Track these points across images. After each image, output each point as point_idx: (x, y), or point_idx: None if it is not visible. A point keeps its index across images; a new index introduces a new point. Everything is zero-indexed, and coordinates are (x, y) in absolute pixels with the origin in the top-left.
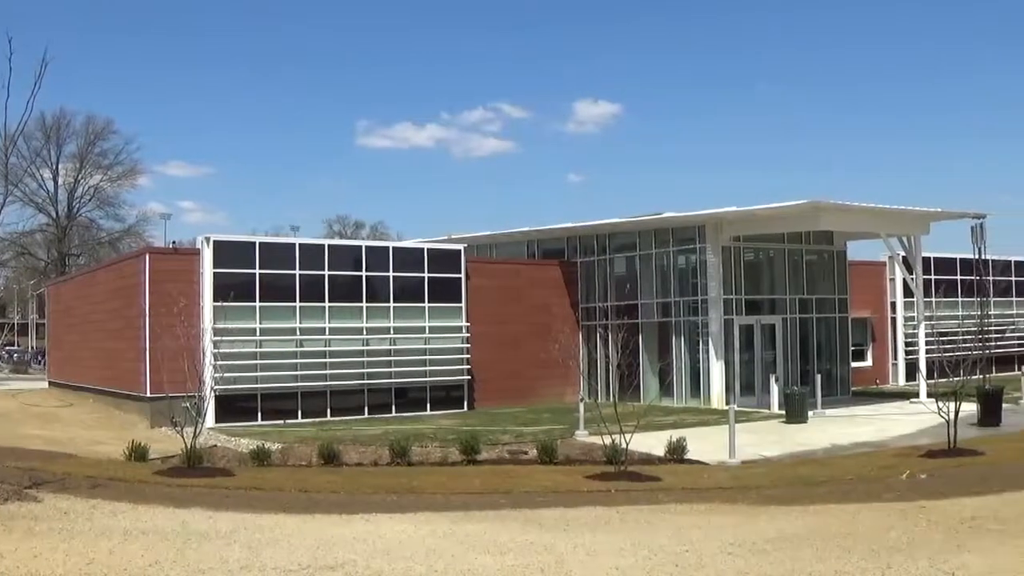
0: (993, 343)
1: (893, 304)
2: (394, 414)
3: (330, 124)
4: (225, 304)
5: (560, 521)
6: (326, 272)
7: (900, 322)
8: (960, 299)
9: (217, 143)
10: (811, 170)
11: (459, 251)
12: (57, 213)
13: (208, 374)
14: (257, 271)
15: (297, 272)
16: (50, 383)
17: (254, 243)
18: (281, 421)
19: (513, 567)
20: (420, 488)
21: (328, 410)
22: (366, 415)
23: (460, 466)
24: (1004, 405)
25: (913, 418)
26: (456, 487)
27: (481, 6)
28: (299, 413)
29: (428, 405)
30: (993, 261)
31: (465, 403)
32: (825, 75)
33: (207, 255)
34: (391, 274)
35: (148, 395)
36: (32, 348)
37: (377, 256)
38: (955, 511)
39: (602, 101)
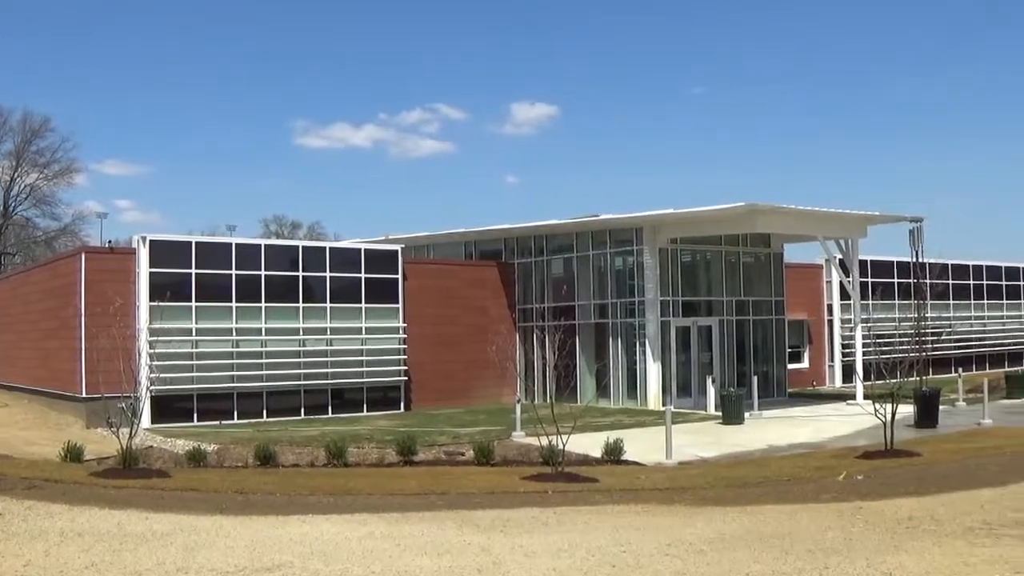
0: (930, 345)
1: (830, 306)
2: (331, 415)
3: (267, 124)
4: (161, 304)
5: (497, 522)
6: (262, 272)
7: (837, 324)
8: (897, 302)
9: (154, 142)
10: (750, 173)
11: (396, 252)
12: None
13: (144, 374)
14: (193, 271)
15: (233, 272)
16: None
17: (190, 243)
18: (217, 422)
19: (451, 568)
20: (357, 489)
21: (264, 411)
22: (303, 416)
23: (397, 467)
24: (941, 407)
25: (850, 419)
26: (393, 488)
27: (417, 7)
28: (235, 414)
29: (365, 406)
30: (930, 264)
31: (402, 404)
32: (762, 78)
33: (143, 255)
34: (328, 274)
35: (84, 395)
36: None
37: (314, 256)
38: (892, 512)
39: (539, 103)
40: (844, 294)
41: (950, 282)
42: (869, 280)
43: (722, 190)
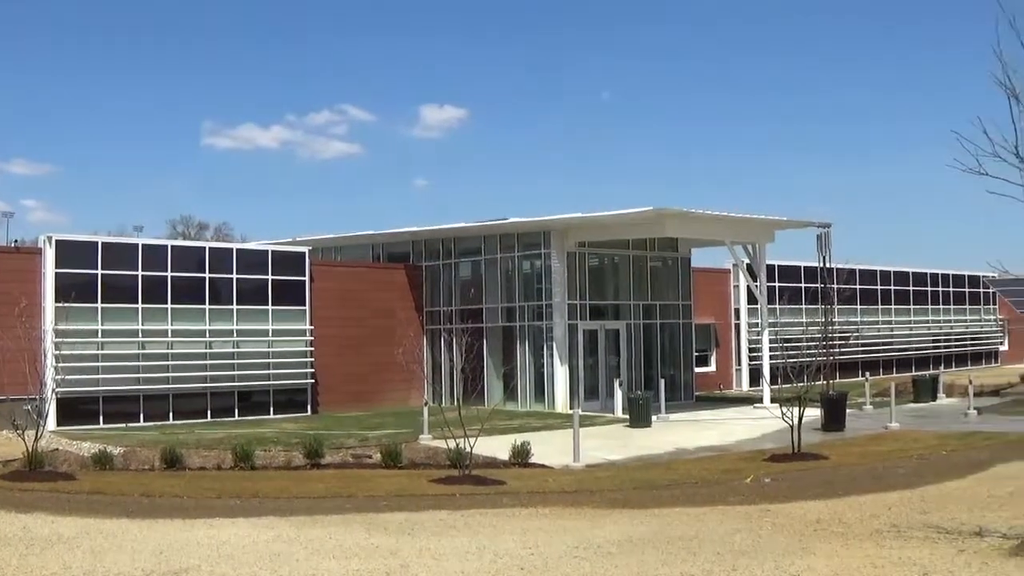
0: (837, 349)
1: (737, 311)
2: (237, 418)
3: (175, 124)
4: (67, 305)
5: (405, 525)
6: (169, 273)
7: (744, 328)
8: (804, 306)
9: (61, 141)
10: (659, 178)
11: (303, 254)
12: None
13: (50, 376)
14: (100, 271)
15: (140, 273)
16: None
17: (97, 243)
18: (124, 424)
19: (359, 572)
20: (264, 492)
21: (171, 413)
22: (209, 419)
23: (304, 470)
24: (848, 410)
25: (757, 423)
26: (300, 491)
27: (326, 6)
28: (141, 416)
29: (272, 409)
30: (838, 269)
31: (309, 407)
32: (671, 85)
33: (49, 255)
34: (235, 276)
35: None
36: None
37: (221, 258)
38: (800, 514)
39: (448, 106)
40: (751, 298)
41: (857, 287)
42: (776, 285)
43: (631, 195)
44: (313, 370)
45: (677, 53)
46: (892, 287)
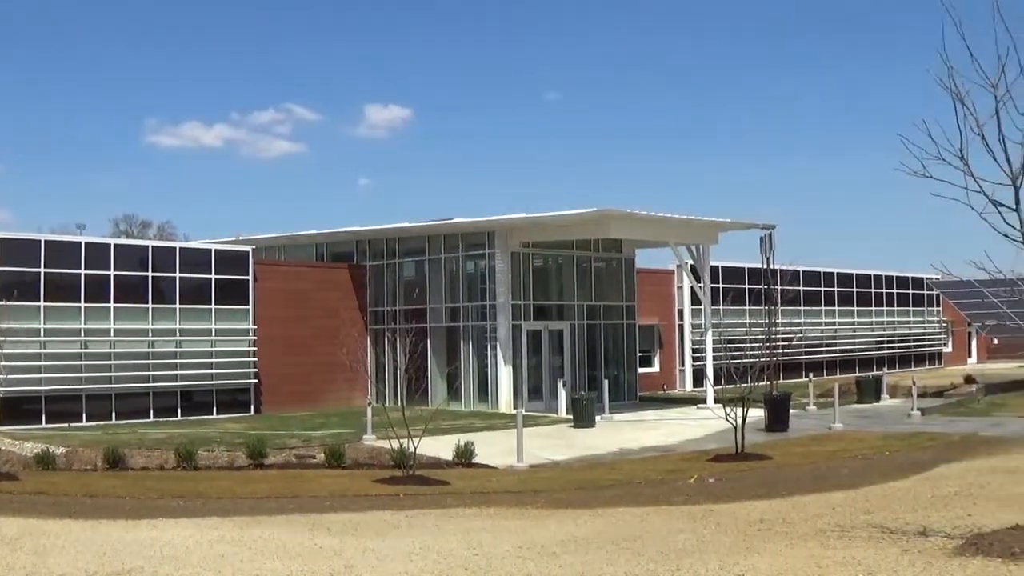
0: (781, 350)
1: (681, 311)
2: (180, 417)
3: (119, 121)
4: (8, 303)
5: (349, 526)
6: (112, 272)
7: (688, 329)
8: (748, 307)
9: (2, 139)
10: (604, 179)
11: (247, 253)
12: None
13: None
14: (42, 270)
15: (83, 272)
16: None
17: (39, 241)
18: (66, 424)
19: (302, 572)
20: (207, 493)
21: (113, 413)
22: (152, 418)
23: (247, 471)
24: (792, 411)
25: (701, 423)
26: (243, 492)
27: (271, 5)
28: (84, 416)
29: (215, 409)
30: (781, 270)
31: (252, 407)
32: (617, 85)
33: None
34: (178, 275)
35: None
36: None
37: (164, 257)
38: (744, 514)
39: (393, 105)
40: (695, 299)
41: (801, 288)
42: (720, 286)
43: (576, 196)
44: (256, 370)
45: (623, 56)
46: (836, 289)
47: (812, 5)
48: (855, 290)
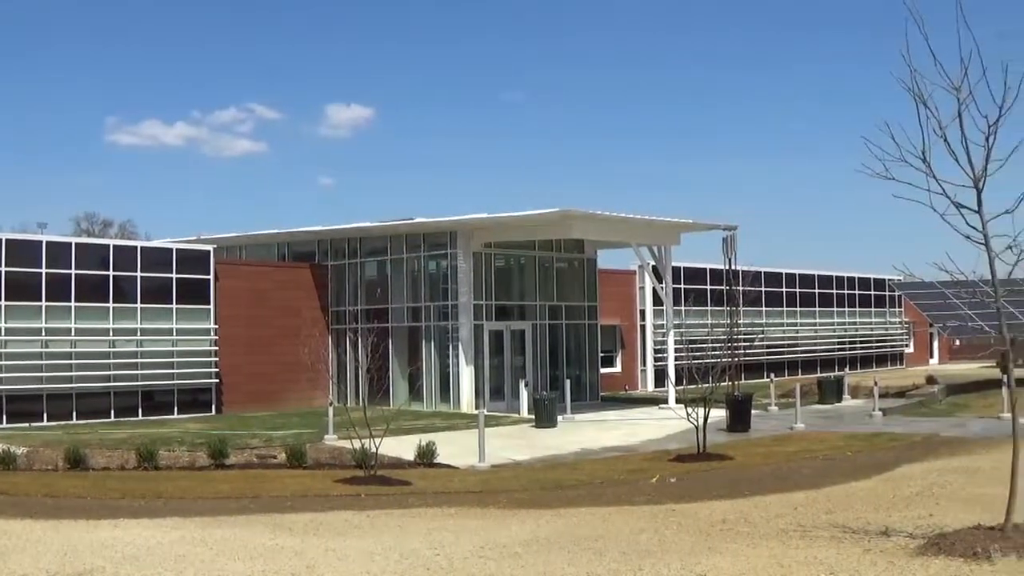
0: (742, 351)
1: (643, 312)
2: (141, 417)
3: (79, 119)
4: None
5: (310, 526)
6: (72, 271)
7: (649, 329)
8: (710, 308)
9: None
10: (568, 180)
11: (208, 252)
12: None
13: None
14: (3, 269)
15: (43, 271)
16: None
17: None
18: (26, 424)
19: (264, 572)
20: (168, 493)
21: (74, 413)
22: (113, 418)
23: (208, 471)
24: (753, 411)
25: (662, 423)
26: (205, 492)
27: (230, 3)
28: (44, 416)
29: (176, 408)
30: (743, 271)
31: (213, 407)
32: (578, 88)
33: None
34: (139, 274)
35: None
36: None
37: (125, 256)
38: (705, 514)
39: (355, 104)
40: (657, 300)
41: (763, 289)
42: (682, 286)
43: (539, 196)
44: (218, 369)
45: (585, 56)
46: (797, 289)
47: (777, 5)
48: (817, 291)
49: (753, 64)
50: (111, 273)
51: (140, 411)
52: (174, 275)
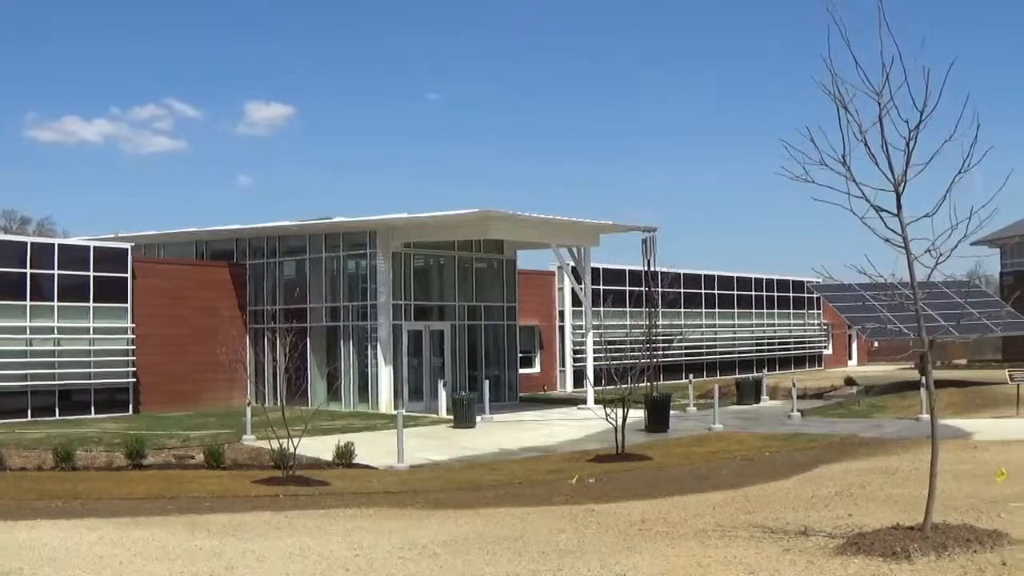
0: (661, 352)
1: (562, 313)
2: (58, 417)
3: None
4: None
5: (228, 527)
6: None
7: (568, 330)
8: (628, 309)
9: None
10: (487, 180)
11: (126, 250)
12: None
13: None
14: None
15: None
16: None
17: None
18: None
19: (182, 574)
20: (86, 494)
21: None
22: (29, 418)
23: (126, 471)
24: (672, 412)
25: (581, 424)
26: (122, 493)
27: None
28: None
29: (93, 408)
30: (662, 273)
31: (131, 406)
32: (500, 90)
33: None
34: (56, 272)
35: None
36: None
37: (42, 253)
38: (624, 514)
39: (274, 103)
40: (576, 301)
41: (682, 291)
42: (601, 287)
43: (459, 196)
44: (135, 369)
45: (507, 59)
46: (716, 291)
47: (699, 7)
48: (736, 293)
49: (674, 66)
50: (28, 271)
51: (57, 411)
52: (92, 273)
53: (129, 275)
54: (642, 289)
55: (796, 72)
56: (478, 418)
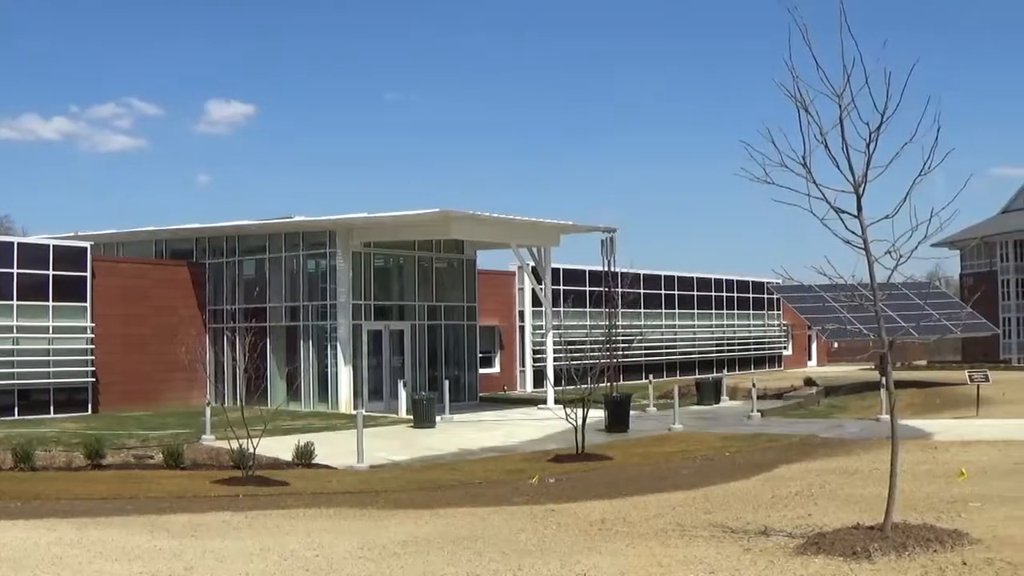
0: (621, 352)
1: (522, 313)
2: (17, 416)
3: None
4: None
5: (188, 527)
6: None
7: (528, 330)
8: (588, 309)
9: None
10: (447, 179)
11: (85, 249)
12: None
13: None
14: None
15: None
16: None
17: None
18: None
19: (142, 574)
20: (45, 494)
21: None
22: None
23: (85, 471)
24: (632, 412)
25: (541, 424)
26: (81, 493)
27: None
28: None
29: (52, 408)
30: (622, 273)
31: (90, 406)
32: (462, 90)
33: None
34: (15, 271)
35: None
36: None
37: (1, 252)
38: (585, 514)
39: (235, 101)
40: (536, 301)
41: (642, 291)
42: (561, 288)
43: (419, 196)
44: (94, 368)
45: (470, 59)
46: (676, 292)
47: (661, 7)
48: (695, 293)
49: (634, 66)
50: None
51: (16, 410)
52: (51, 272)
53: (88, 274)
54: (602, 289)
55: (759, 72)
56: (438, 418)
